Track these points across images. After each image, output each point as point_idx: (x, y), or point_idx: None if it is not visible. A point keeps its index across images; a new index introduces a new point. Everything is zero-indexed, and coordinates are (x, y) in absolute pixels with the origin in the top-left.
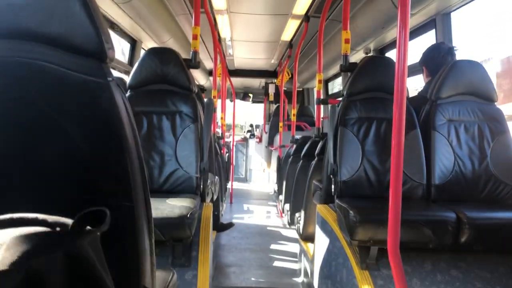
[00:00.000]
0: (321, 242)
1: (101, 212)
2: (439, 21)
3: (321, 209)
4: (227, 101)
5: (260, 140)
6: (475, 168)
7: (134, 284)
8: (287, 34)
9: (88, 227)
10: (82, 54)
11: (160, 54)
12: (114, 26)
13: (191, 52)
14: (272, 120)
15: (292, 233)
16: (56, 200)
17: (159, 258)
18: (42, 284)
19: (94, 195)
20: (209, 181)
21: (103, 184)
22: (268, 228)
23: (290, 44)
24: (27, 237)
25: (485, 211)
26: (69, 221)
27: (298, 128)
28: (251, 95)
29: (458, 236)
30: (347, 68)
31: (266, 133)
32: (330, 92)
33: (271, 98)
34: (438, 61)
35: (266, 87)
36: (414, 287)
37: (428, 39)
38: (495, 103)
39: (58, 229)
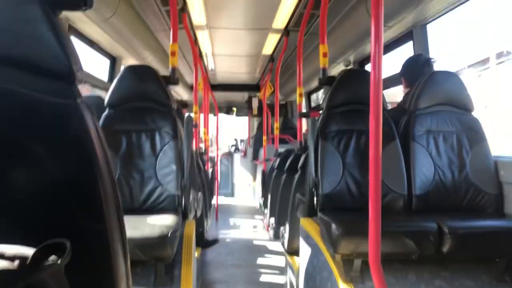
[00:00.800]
0: (306, 255)
1: (63, 243)
2: (416, 33)
3: (305, 223)
4: (211, 115)
5: (245, 154)
6: (455, 178)
7: None
8: (268, 48)
9: (53, 257)
10: (51, 76)
11: (138, 72)
12: (93, 43)
13: (169, 69)
14: (256, 133)
15: (278, 247)
16: (26, 225)
17: (141, 278)
18: None
19: (66, 220)
20: (191, 198)
21: (75, 208)
22: (254, 242)
23: (271, 58)
24: None
25: (466, 220)
26: (30, 252)
27: (283, 141)
28: (234, 109)
29: (440, 246)
30: (326, 81)
31: (250, 147)
32: (313, 105)
33: (255, 111)
34: (416, 72)
35: (249, 101)
36: None
37: (408, 51)
38: (472, 112)
39: (16, 262)
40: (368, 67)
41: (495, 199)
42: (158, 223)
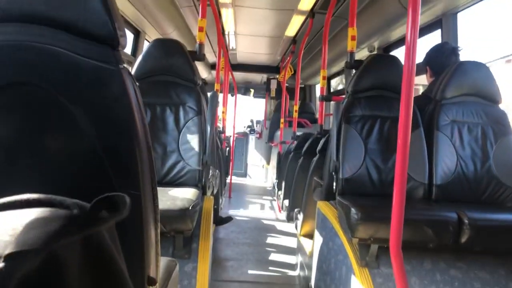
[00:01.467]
0: (321, 238)
1: (115, 198)
2: (446, 21)
3: (322, 206)
4: (229, 95)
5: (260, 136)
6: (477, 170)
7: (139, 273)
8: (292, 29)
9: (105, 213)
10: (94, 40)
11: (165, 45)
12: None
13: (196, 44)
14: (273, 116)
15: (290, 228)
16: (63, 186)
17: (160, 249)
18: (60, 267)
19: (102, 183)
20: (210, 174)
21: (111, 172)
22: (266, 222)
23: (293, 40)
24: (49, 219)
25: (486, 212)
26: (85, 204)
27: (299, 125)
28: (252, 90)
29: (459, 237)
30: (353, 65)
31: (266, 129)
32: (331, 90)
33: (273, 93)
34: (442, 61)
35: (268, 83)
36: (413, 286)
37: (433, 39)
38: (499, 105)
39: (75, 211)
40: (392, 54)
41: None
42: (180, 196)
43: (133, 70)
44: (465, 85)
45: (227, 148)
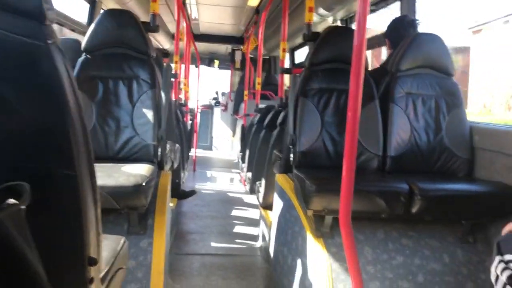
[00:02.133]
0: (279, 210)
1: (21, 185)
2: None
3: (280, 178)
4: (192, 66)
5: (226, 108)
6: (430, 141)
7: (79, 254)
8: None
9: (12, 200)
10: (20, 14)
11: (117, 17)
12: None
13: (150, 15)
14: (238, 88)
15: (253, 200)
16: None
17: (114, 226)
18: None
19: (35, 163)
20: (168, 149)
21: (45, 153)
22: (231, 195)
23: (257, 10)
24: None
25: (436, 183)
26: None
27: (264, 97)
28: (217, 61)
29: (410, 207)
30: (310, 37)
31: (231, 101)
32: (297, 61)
33: (237, 65)
34: (401, 33)
35: (232, 54)
36: (366, 255)
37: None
38: (452, 76)
39: None
40: (354, 26)
41: (467, 164)
42: (133, 172)
43: (83, 42)
44: (420, 57)
45: (191, 121)
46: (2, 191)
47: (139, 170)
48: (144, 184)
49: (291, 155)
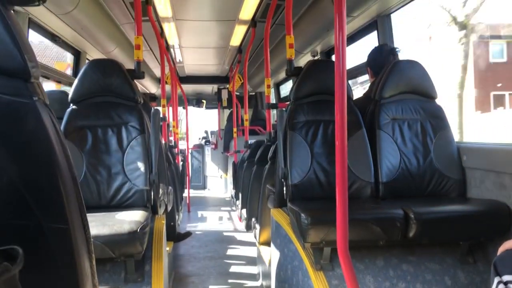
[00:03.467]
0: (277, 245)
1: (15, 250)
2: (380, 23)
3: (275, 213)
4: (180, 108)
5: (216, 147)
6: (420, 164)
7: None
8: (236, 39)
9: (5, 264)
10: (5, 74)
11: (102, 66)
12: (55, 38)
13: (134, 62)
14: (226, 125)
15: (250, 238)
16: None
17: (111, 275)
18: None
19: (27, 220)
20: (161, 192)
21: (35, 208)
22: (227, 234)
23: (239, 49)
24: None
25: (430, 206)
26: None
27: (253, 133)
28: (204, 101)
29: (407, 231)
30: (293, 72)
31: (221, 139)
32: (282, 95)
33: (225, 103)
34: (381, 61)
35: (219, 93)
36: (368, 284)
37: (373, 41)
38: (435, 100)
39: None
40: (334, 58)
41: (458, 184)
42: (127, 219)
43: (70, 93)
44: (402, 83)
45: (182, 162)
46: None
47: (133, 217)
48: (139, 230)
49: (284, 189)
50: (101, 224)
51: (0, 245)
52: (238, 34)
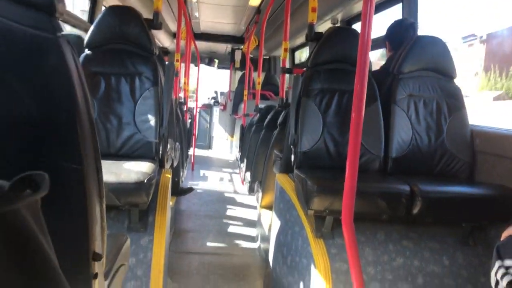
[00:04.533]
0: (279, 210)
1: (41, 175)
2: None
3: (280, 178)
4: (192, 65)
5: (225, 108)
6: (431, 143)
7: (84, 249)
8: None
9: (28, 191)
10: (30, 6)
11: (120, 13)
12: None
13: (153, 12)
14: (237, 88)
15: (252, 201)
16: (2, 158)
17: (115, 223)
18: None
19: (42, 156)
20: (169, 147)
21: (51, 146)
22: (229, 195)
23: (258, 10)
24: None
25: (437, 185)
26: (4, 183)
27: (263, 97)
28: (216, 60)
29: (411, 208)
30: (313, 37)
31: (230, 100)
32: (296, 62)
33: (237, 64)
34: (400, 36)
35: (232, 53)
36: (366, 256)
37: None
38: (454, 79)
39: None
40: (355, 27)
41: (468, 167)
42: (135, 169)
43: (86, 38)
44: (422, 59)
45: (190, 120)
46: (19, 180)
47: (140, 168)
48: (145, 181)
49: (292, 155)
50: (108, 172)
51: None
52: None
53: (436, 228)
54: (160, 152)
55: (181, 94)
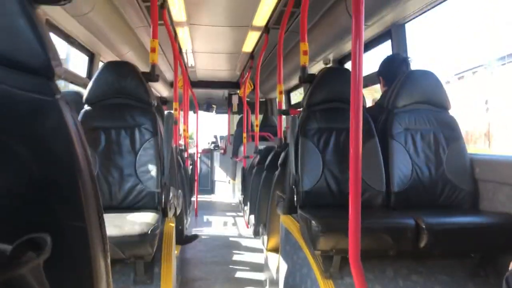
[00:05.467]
0: (286, 252)
1: (43, 238)
2: (395, 32)
3: (285, 220)
4: (191, 112)
5: (225, 151)
6: (432, 175)
7: None
8: (248, 45)
9: (31, 253)
10: (28, 71)
11: (117, 68)
12: (70, 39)
13: (149, 65)
14: (236, 131)
15: (257, 244)
16: (2, 223)
17: (120, 276)
18: None
19: (45, 217)
20: (171, 195)
21: (54, 206)
22: (234, 239)
23: (251, 55)
24: None
25: (442, 217)
26: (8, 248)
27: (263, 139)
28: (214, 106)
29: (418, 242)
30: (306, 79)
31: (230, 144)
32: (292, 102)
33: (235, 108)
34: (393, 71)
35: (229, 98)
36: None
37: (386, 50)
38: (449, 110)
39: None
40: (346, 65)
41: (470, 196)
42: (138, 220)
43: (85, 94)
44: (415, 93)
45: (191, 166)
46: (22, 244)
47: (143, 219)
48: (149, 232)
49: (295, 196)
50: (112, 225)
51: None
52: (251, 40)
53: (445, 260)
54: (163, 201)
55: (181, 141)
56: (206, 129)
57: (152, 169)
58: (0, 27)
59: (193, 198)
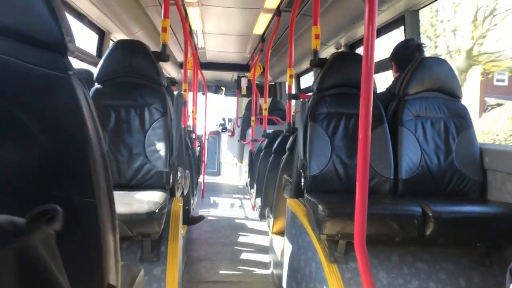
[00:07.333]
0: (291, 235)
1: (55, 209)
2: (408, 18)
3: (291, 203)
4: (199, 94)
5: (233, 134)
6: (440, 163)
7: (98, 281)
8: (259, 28)
9: (43, 226)
10: (42, 47)
11: (128, 47)
12: (81, 16)
13: (160, 45)
14: (245, 114)
15: (263, 227)
16: (16, 196)
17: (127, 254)
18: None
19: (56, 191)
20: (179, 176)
21: (65, 180)
22: (239, 221)
23: (262, 38)
24: None
25: (449, 205)
26: (21, 220)
27: (271, 122)
28: (223, 88)
29: (424, 230)
30: (317, 63)
31: (238, 127)
32: (302, 87)
33: (244, 91)
34: (407, 57)
35: (238, 81)
36: (381, 280)
37: (399, 35)
38: (460, 99)
39: (5, 226)
40: (358, 51)
41: (479, 185)
42: (146, 199)
43: (95, 72)
44: (427, 81)
45: (199, 148)
46: (34, 216)
47: (152, 197)
48: (157, 211)
49: (302, 180)
50: (120, 203)
51: None
52: (262, 23)
53: (451, 249)
54: (171, 181)
55: (190, 123)
56: (214, 111)
57: (161, 149)
58: (16, 3)
59: (200, 179)
